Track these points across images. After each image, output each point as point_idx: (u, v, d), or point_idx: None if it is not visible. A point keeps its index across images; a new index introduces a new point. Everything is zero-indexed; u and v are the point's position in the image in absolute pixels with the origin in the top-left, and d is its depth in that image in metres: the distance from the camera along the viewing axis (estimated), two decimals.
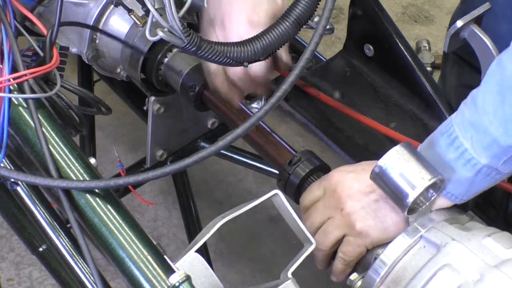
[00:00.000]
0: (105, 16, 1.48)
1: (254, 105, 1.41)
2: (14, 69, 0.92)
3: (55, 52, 0.96)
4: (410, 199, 1.06)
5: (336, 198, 1.17)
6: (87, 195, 0.92)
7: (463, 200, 1.12)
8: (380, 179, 1.08)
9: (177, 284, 0.89)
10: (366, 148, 1.44)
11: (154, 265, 0.90)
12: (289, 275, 1.00)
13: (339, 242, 1.19)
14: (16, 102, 0.95)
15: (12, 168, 1.13)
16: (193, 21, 1.52)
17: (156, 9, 0.90)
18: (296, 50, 1.61)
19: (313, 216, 1.20)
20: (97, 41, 1.50)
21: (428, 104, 1.43)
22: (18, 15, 0.97)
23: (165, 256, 0.92)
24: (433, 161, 1.09)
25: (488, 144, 1.05)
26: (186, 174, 1.74)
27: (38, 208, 1.20)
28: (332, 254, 1.21)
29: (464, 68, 1.65)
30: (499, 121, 1.04)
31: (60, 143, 0.94)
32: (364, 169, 1.17)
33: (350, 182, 1.17)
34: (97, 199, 0.92)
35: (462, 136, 1.07)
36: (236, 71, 1.33)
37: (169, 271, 0.90)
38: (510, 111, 1.03)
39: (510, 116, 1.03)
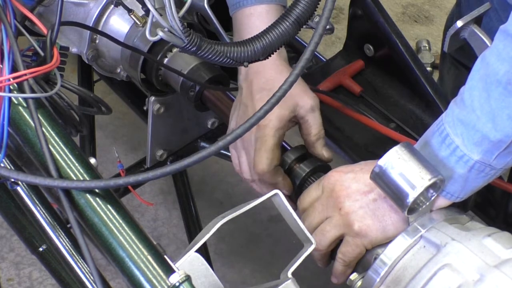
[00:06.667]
0: (105, 16, 1.48)
1: None
2: (14, 69, 0.92)
3: (56, 51, 0.96)
4: (410, 199, 1.06)
5: (335, 197, 1.17)
6: (87, 195, 0.92)
7: (460, 198, 1.12)
8: (380, 179, 1.08)
9: (177, 284, 0.89)
10: (366, 148, 1.45)
11: (154, 265, 0.90)
12: (289, 275, 1.00)
13: (336, 241, 1.19)
14: (16, 102, 0.95)
15: (12, 168, 1.13)
16: (193, 21, 1.52)
17: (156, 9, 0.90)
18: (296, 50, 1.61)
19: (311, 216, 1.20)
20: (97, 41, 1.50)
21: (428, 104, 1.43)
22: (18, 15, 0.97)
23: (165, 256, 0.92)
24: None
25: (479, 140, 1.05)
26: (186, 174, 1.74)
27: (38, 208, 1.20)
28: (331, 253, 1.21)
29: (461, 70, 1.65)
30: (486, 117, 1.04)
31: (60, 143, 0.94)
32: (363, 168, 1.18)
33: (349, 182, 1.17)
34: (97, 199, 0.92)
35: (453, 133, 1.07)
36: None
37: (169, 271, 0.90)
38: (496, 105, 1.03)
39: (497, 110, 1.03)
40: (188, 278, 0.90)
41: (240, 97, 1.36)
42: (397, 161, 1.07)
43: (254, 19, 1.33)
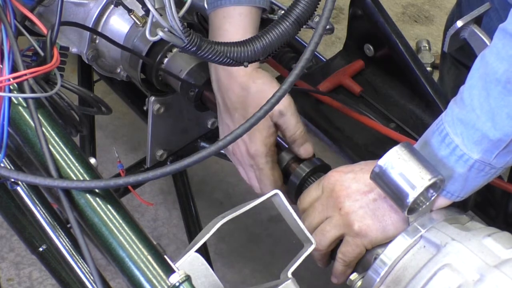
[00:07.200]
0: (105, 16, 1.47)
1: None
2: (14, 69, 0.92)
3: (56, 51, 0.96)
4: (410, 199, 1.06)
5: (335, 197, 1.17)
6: (87, 195, 0.92)
7: (460, 197, 1.12)
8: (380, 179, 1.08)
9: (177, 284, 0.89)
10: (366, 148, 1.45)
11: (154, 265, 0.90)
12: (289, 275, 1.00)
13: (336, 241, 1.19)
14: (16, 102, 0.95)
15: (12, 168, 1.13)
16: (193, 21, 1.52)
17: (156, 9, 0.90)
18: (296, 50, 1.61)
19: (311, 216, 1.20)
20: (97, 41, 1.50)
21: (428, 104, 1.43)
22: (18, 15, 0.97)
23: (165, 256, 0.92)
24: None
25: (478, 139, 1.05)
26: (186, 174, 1.74)
27: (38, 208, 1.20)
28: (331, 253, 1.21)
29: (461, 70, 1.65)
30: (486, 115, 1.04)
31: (60, 143, 0.94)
32: (363, 168, 1.18)
33: (349, 182, 1.17)
34: (97, 199, 0.92)
35: (453, 133, 1.07)
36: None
37: (169, 271, 0.90)
38: (495, 104, 1.03)
39: (496, 109, 1.03)
40: (188, 278, 0.90)
41: (219, 110, 1.36)
42: (397, 161, 1.07)
43: (225, 22, 1.30)
